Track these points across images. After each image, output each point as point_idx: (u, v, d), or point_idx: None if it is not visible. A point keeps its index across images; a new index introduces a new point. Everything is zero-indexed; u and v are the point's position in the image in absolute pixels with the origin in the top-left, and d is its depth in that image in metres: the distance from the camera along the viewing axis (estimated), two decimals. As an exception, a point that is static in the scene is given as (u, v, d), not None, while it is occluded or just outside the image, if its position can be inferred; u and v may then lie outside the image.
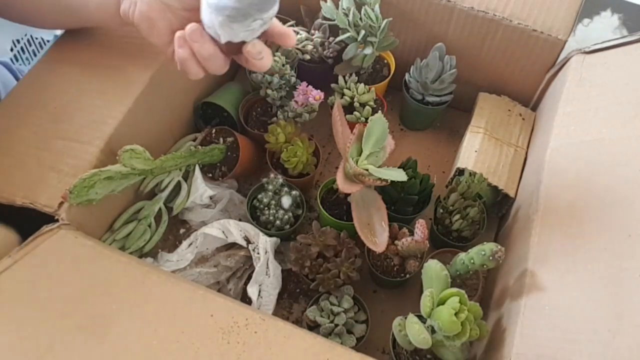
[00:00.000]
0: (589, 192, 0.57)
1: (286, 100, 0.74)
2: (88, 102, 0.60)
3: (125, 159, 0.58)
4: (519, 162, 0.73)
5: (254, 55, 0.53)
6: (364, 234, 0.62)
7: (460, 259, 0.59)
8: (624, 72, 0.65)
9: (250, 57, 0.53)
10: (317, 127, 0.83)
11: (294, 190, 0.69)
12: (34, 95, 0.60)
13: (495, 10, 0.71)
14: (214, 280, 0.67)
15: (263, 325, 0.46)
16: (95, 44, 0.62)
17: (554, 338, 0.49)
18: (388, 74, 0.81)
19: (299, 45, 0.77)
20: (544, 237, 0.57)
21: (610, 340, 0.46)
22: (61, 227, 0.52)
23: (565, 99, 0.67)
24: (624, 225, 0.52)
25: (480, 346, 0.59)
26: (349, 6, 0.71)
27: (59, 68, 0.62)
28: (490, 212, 0.73)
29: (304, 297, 0.70)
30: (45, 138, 0.57)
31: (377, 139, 0.63)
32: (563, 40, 0.70)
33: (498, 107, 0.78)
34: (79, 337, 0.44)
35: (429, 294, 0.53)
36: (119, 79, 0.62)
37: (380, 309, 0.69)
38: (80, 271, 0.49)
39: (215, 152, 0.71)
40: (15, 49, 1.20)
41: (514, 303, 0.55)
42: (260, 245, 0.65)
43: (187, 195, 0.68)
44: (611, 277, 0.49)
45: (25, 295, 0.47)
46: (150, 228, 0.66)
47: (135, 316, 0.46)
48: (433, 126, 0.86)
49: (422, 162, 0.76)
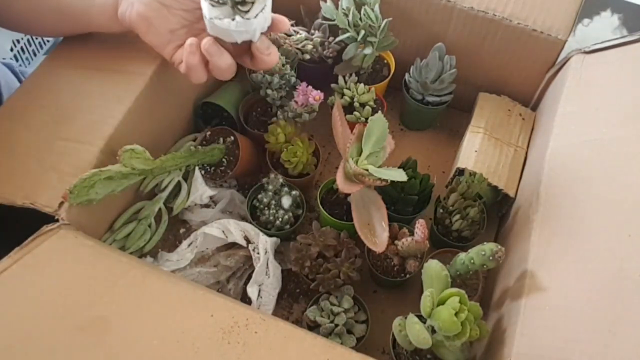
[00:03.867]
0: (588, 192, 0.57)
1: (286, 100, 0.74)
2: (89, 102, 0.60)
3: (125, 159, 0.58)
4: (519, 162, 0.73)
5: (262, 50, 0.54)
6: (364, 234, 0.62)
7: (460, 259, 0.59)
8: (624, 72, 0.65)
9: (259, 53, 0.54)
10: (317, 127, 0.83)
11: (294, 190, 0.69)
12: (36, 98, 0.60)
13: (495, 10, 0.71)
14: (214, 280, 0.67)
15: (263, 325, 0.46)
16: (97, 47, 0.62)
17: (554, 338, 0.49)
18: (388, 74, 0.81)
19: (299, 45, 0.77)
20: (544, 237, 0.57)
21: (610, 340, 0.46)
22: (61, 227, 0.52)
23: (565, 99, 0.67)
24: (624, 225, 0.52)
25: (480, 346, 0.59)
26: (349, 6, 0.71)
27: (60, 71, 0.62)
28: (490, 212, 0.73)
29: (304, 297, 0.70)
30: (47, 139, 0.57)
31: (377, 139, 0.63)
32: (563, 40, 0.70)
33: (498, 107, 0.78)
34: (79, 337, 0.44)
35: (429, 294, 0.53)
36: (119, 79, 0.62)
37: (380, 309, 0.69)
38: (80, 271, 0.49)
39: (215, 152, 0.71)
40: (15, 49, 1.20)
41: (514, 303, 0.55)
42: (260, 245, 0.65)
43: (187, 195, 0.68)
44: (611, 277, 0.49)
45: (25, 295, 0.47)
46: (150, 228, 0.66)
47: (135, 316, 0.46)
48: (433, 126, 0.86)
49: (422, 162, 0.76)
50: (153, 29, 0.55)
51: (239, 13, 0.51)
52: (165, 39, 0.56)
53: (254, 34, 0.53)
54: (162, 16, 0.55)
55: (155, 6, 0.54)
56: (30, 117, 0.59)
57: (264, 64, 0.55)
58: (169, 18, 0.55)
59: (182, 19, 0.56)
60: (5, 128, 0.58)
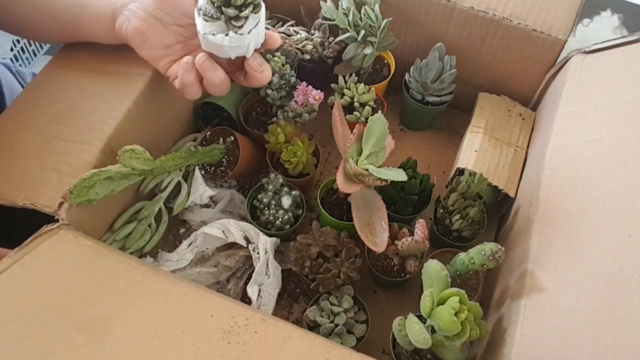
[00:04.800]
0: (589, 192, 0.57)
1: (286, 100, 0.74)
2: (89, 104, 0.60)
3: (125, 159, 0.58)
4: (519, 162, 0.73)
5: (255, 67, 0.55)
6: (364, 234, 0.62)
7: (460, 259, 0.59)
8: (624, 72, 0.65)
9: (252, 70, 0.55)
10: (317, 127, 0.83)
11: (294, 190, 0.69)
12: (39, 100, 0.61)
13: (495, 10, 0.71)
14: (214, 280, 0.67)
15: (263, 325, 0.46)
16: (98, 50, 0.63)
17: (554, 338, 0.49)
18: (388, 74, 0.81)
19: (299, 45, 0.77)
20: (544, 237, 0.57)
21: (610, 340, 0.46)
22: (61, 227, 0.52)
23: (565, 99, 0.67)
24: (624, 225, 0.52)
25: (480, 346, 0.59)
26: (349, 6, 0.71)
27: (63, 73, 0.63)
28: (490, 212, 0.73)
29: (304, 297, 0.70)
30: (48, 140, 0.57)
31: (377, 139, 0.63)
32: (563, 40, 0.70)
33: (498, 107, 0.78)
34: (79, 337, 0.44)
35: (429, 294, 0.53)
36: (120, 80, 0.62)
37: (380, 309, 0.69)
38: (80, 271, 0.49)
39: (215, 152, 0.71)
40: (15, 49, 1.20)
41: (514, 303, 0.55)
42: (260, 245, 0.65)
43: (187, 196, 0.68)
44: (611, 277, 0.49)
45: (25, 295, 0.47)
46: (150, 228, 0.66)
47: (135, 316, 0.46)
48: (433, 126, 0.86)
49: (422, 162, 0.76)
50: (149, 43, 0.56)
51: (233, 28, 0.51)
52: (161, 53, 0.57)
53: (247, 49, 0.54)
54: (157, 31, 0.56)
55: (151, 21, 0.56)
56: (33, 119, 0.59)
57: (256, 81, 0.57)
58: (164, 33, 0.56)
59: (177, 34, 0.57)
60: (8, 130, 0.59)
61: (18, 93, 0.79)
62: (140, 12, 0.55)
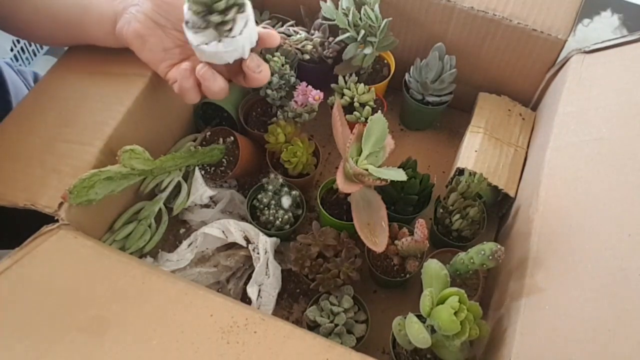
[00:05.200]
0: (588, 192, 0.57)
1: (286, 100, 0.74)
2: (90, 105, 0.60)
3: (125, 160, 0.58)
4: (519, 162, 0.73)
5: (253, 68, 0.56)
6: (364, 234, 0.62)
7: (460, 259, 0.59)
8: (624, 72, 0.65)
9: (250, 71, 0.56)
10: (317, 127, 0.83)
11: (294, 190, 0.69)
12: (42, 103, 0.61)
13: (495, 10, 0.71)
14: (214, 280, 0.67)
15: (263, 325, 0.46)
16: (101, 52, 0.63)
17: (554, 338, 0.49)
18: (388, 74, 0.81)
19: (298, 45, 0.77)
20: (543, 237, 0.57)
21: (610, 340, 0.46)
22: (61, 228, 0.52)
23: (565, 98, 0.67)
24: (624, 225, 0.52)
25: (480, 346, 0.59)
26: (349, 6, 0.71)
27: (66, 77, 0.63)
28: (490, 212, 0.73)
29: (304, 297, 0.70)
30: (49, 142, 0.58)
31: (377, 139, 0.63)
32: (563, 40, 0.70)
33: (498, 107, 0.78)
34: (79, 337, 0.44)
35: (428, 294, 0.53)
36: (120, 81, 0.62)
37: (380, 309, 0.69)
38: (80, 271, 0.49)
39: (215, 152, 0.71)
40: (15, 49, 1.20)
41: (514, 303, 0.55)
42: (260, 245, 0.65)
43: (187, 196, 0.68)
44: (611, 277, 0.49)
45: (25, 295, 0.47)
46: (150, 228, 0.66)
47: (135, 316, 0.46)
48: (433, 126, 0.86)
49: (422, 162, 0.76)
50: (148, 46, 0.57)
51: (223, 33, 0.51)
52: (160, 56, 0.58)
53: (243, 50, 0.54)
54: (156, 35, 0.57)
55: (150, 25, 0.56)
56: (36, 122, 0.59)
57: (256, 81, 0.57)
58: (163, 37, 0.57)
59: (175, 38, 0.58)
60: (12, 133, 0.59)
61: (22, 91, 0.79)
62: (140, 16, 0.56)
